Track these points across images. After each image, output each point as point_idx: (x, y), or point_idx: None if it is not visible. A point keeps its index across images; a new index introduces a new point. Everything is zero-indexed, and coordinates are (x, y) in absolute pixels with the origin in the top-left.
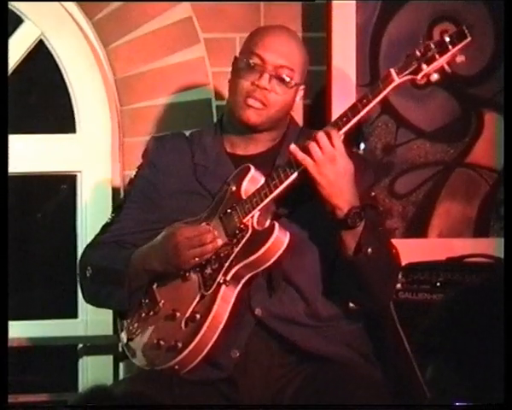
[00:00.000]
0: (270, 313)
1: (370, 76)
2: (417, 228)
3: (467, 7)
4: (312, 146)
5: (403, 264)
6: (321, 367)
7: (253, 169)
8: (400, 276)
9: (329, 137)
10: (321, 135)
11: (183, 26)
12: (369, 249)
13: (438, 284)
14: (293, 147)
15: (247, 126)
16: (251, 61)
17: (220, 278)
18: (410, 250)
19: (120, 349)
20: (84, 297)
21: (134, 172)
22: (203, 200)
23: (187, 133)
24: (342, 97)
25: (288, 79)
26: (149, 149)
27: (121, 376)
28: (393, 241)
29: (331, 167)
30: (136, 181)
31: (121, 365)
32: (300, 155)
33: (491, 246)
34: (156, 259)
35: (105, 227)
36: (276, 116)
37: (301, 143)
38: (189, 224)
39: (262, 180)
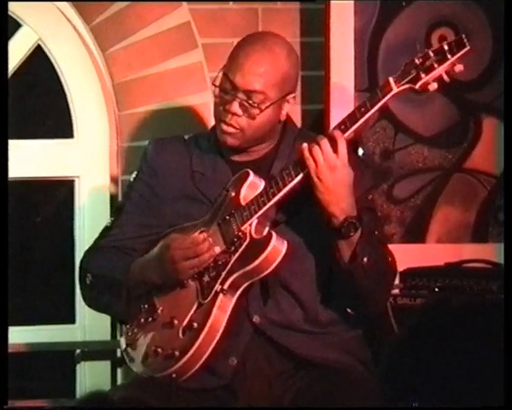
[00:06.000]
0: (268, 321)
1: (368, 81)
2: (416, 233)
3: (465, 12)
4: (316, 150)
5: (401, 269)
6: (320, 374)
7: (252, 175)
8: (398, 281)
9: (334, 143)
10: (325, 142)
11: (181, 31)
12: (365, 259)
13: (436, 289)
14: (304, 145)
15: (227, 149)
16: (223, 86)
17: (217, 287)
18: (408, 255)
19: (119, 354)
20: (84, 302)
21: (133, 175)
22: (202, 205)
23: (186, 137)
24: (340, 102)
25: (257, 104)
26: (148, 153)
27: (119, 381)
28: (392, 246)
29: (331, 175)
30: (135, 185)
31: (119, 370)
32: (306, 155)
33: (490, 251)
34: (154, 271)
35: (105, 231)
36: (256, 135)
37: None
38: (185, 230)
39: (261, 185)
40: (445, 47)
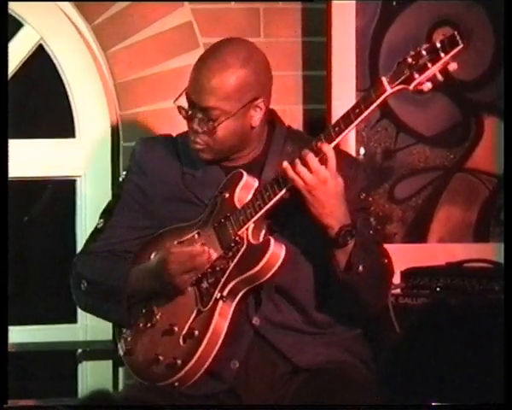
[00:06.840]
0: (268, 322)
1: (370, 81)
2: (417, 233)
3: (467, 11)
4: (302, 169)
5: (402, 269)
6: (319, 372)
7: (245, 175)
8: (400, 281)
9: (323, 154)
10: (311, 157)
11: (183, 30)
12: (360, 267)
13: (437, 288)
14: (285, 164)
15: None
16: (184, 105)
17: (217, 294)
18: (409, 255)
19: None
20: (79, 306)
21: (122, 176)
22: (195, 207)
23: (174, 135)
24: (342, 102)
25: (213, 119)
26: (137, 152)
27: (121, 380)
28: (393, 246)
29: (322, 189)
30: (124, 185)
31: (120, 370)
32: (291, 175)
33: (491, 251)
34: (153, 281)
35: (96, 234)
36: (225, 146)
37: (294, 153)
38: (179, 231)
39: (255, 185)
40: (438, 45)
